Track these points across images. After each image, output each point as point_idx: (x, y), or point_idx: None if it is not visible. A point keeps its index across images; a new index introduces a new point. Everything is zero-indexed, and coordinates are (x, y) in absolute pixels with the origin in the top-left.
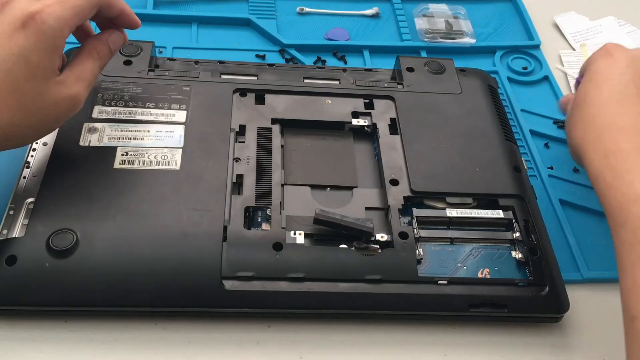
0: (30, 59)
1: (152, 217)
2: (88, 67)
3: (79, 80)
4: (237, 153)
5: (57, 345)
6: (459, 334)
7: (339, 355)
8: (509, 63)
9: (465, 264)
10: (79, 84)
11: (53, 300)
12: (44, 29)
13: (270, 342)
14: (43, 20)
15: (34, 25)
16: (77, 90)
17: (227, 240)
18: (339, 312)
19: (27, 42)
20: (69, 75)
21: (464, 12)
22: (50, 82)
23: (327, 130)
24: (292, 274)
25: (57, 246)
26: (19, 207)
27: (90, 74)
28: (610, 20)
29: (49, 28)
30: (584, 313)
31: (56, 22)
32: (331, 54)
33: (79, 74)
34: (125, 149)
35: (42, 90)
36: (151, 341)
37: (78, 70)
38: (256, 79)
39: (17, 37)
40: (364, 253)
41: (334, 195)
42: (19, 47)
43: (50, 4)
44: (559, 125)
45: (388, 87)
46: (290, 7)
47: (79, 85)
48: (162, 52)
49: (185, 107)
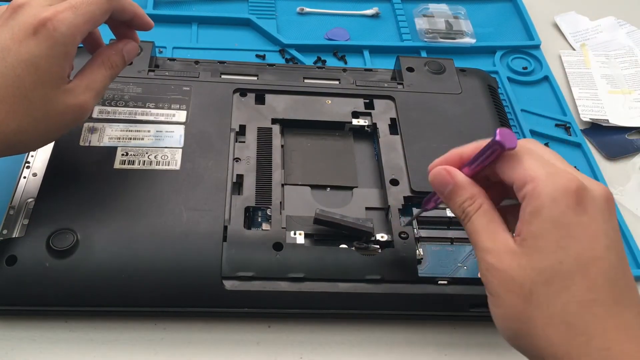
0: (40, 65)
1: (152, 217)
2: (99, 77)
3: (88, 89)
4: (237, 153)
5: (57, 345)
6: (459, 334)
7: (339, 355)
8: (509, 63)
9: (465, 263)
10: (88, 93)
11: (53, 300)
12: (56, 36)
13: (270, 342)
14: (55, 27)
15: (45, 32)
16: (85, 100)
17: (227, 240)
18: (339, 312)
19: (38, 49)
20: (79, 83)
21: (464, 12)
22: (59, 90)
23: (327, 130)
24: (292, 274)
25: (57, 246)
26: (19, 207)
27: (101, 84)
28: (610, 20)
29: (61, 35)
30: None
31: (68, 29)
32: (331, 54)
33: (88, 83)
34: (126, 149)
35: (50, 98)
36: (151, 341)
37: (88, 79)
38: (256, 79)
39: (28, 44)
40: (364, 253)
41: (334, 195)
42: (29, 54)
43: (63, 11)
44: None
45: (388, 87)
46: (290, 7)
47: (88, 94)
48: (162, 52)
49: (185, 107)
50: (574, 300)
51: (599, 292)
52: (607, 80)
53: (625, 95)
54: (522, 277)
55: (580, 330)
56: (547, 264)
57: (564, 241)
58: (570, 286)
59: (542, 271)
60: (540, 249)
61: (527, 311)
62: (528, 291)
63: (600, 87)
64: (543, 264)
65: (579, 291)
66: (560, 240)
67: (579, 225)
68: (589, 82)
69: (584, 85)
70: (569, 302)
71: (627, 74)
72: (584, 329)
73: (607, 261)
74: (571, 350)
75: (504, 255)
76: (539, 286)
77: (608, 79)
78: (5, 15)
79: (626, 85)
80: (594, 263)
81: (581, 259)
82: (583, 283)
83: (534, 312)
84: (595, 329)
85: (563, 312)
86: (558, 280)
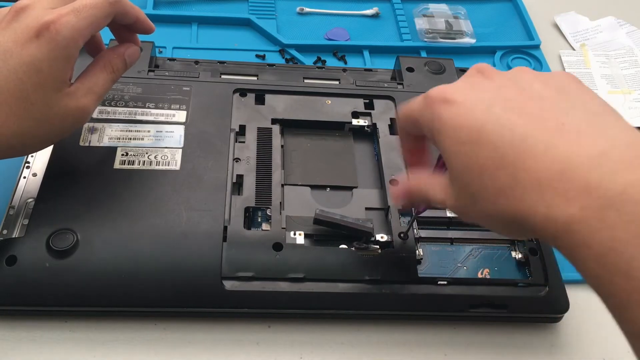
0: (41, 68)
1: (152, 217)
2: (100, 81)
3: (90, 92)
4: (237, 153)
5: (57, 345)
6: (459, 334)
7: (339, 355)
8: (509, 63)
9: (465, 264)
10: (89, 96)
11: (53, 300)
12: (58, 39)
13: (270, 342)
14: (58, 30)
15: (48, 35)
16: (86, 103)
17: (227, 241)
18: (339, 312)
19: (40, 52)
20: (80, 87)
21: (464, 12)
22: (60, 93)
23: (327, 130)
24: (292, 274)
25: (57, 246)
26: (19, 207)
27: (102, 88)
28: (610, 20)
29: (63, 39)
30: (584, 313)
31: (71, 33)
32: (331, 54)
33: (90, 86)
34: (125, 149)
35: (51, 101)
36: (151, 341)
37: (90, 83)
38: (256, 79)
39: (30, 47)
40: (364, 253)
41: (334, 196)
42: (31, 57)
43: (66, 14)
44: None
45: (388, 87)
46: (290, 7)
47: (89, 98)
48: (162, 52)
49: (185, 107)
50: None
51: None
52: (607, 80)
53: (625, 95)
54: (458, 197)
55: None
56: (457, 176)
57: (466, 157)
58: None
59: (462, 186)
60: (451, 169)
61: (477, 205)
62: (470, 197)
63: (600, 87)
64: (459, 181)
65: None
66: (464, 162)
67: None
68: (589, 82)
69: None
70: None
71: (627, 74)
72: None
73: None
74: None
75: (447, 196)
76: (471, 197)
77: (608, 79)
78: (8, 17)
79: (626, 85)
80: (483, 128)
81: (475, 138)
82: (488, 152)
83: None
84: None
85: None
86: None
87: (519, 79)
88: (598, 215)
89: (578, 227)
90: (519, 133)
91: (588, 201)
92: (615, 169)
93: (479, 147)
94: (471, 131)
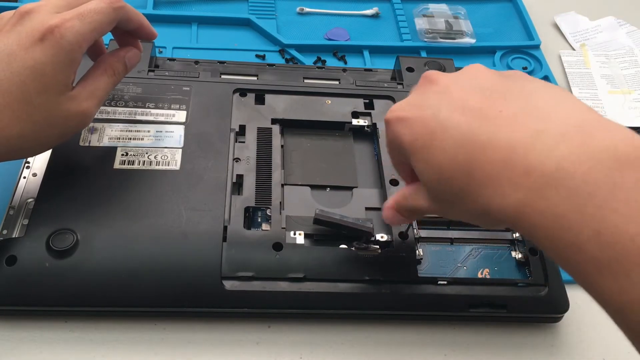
0: (45, 72)
1: (152, 217)
2: (102, 84)
3: (91, 96)
4: (237, 153)
5: (57, 345)
6: (459, 334)
7: (339, 355)
8: (509, 63)
9: (465, 264)
10: (91, 100)
11: (53, 300)
12: (62, 43)
13: (270, 342)
14: (62, 34)
15: (52, 39)
16: (88, 107)
17: (227, 241)
18: (339, 312)
19: (44, 56)
20: (82, 91)
21: (464, 12)
22: (62, 97)
23: (327, 130)
24: (292, 274)
25: (57, 246)
26: (19, 207)
27: (103, 91)
28: (610, 20)
29: (67, 43)
30: (584, 313)
31: (75, 37)
32: (331, 54)
33: (92, 90)
34: (125, 149)
35: (54, 105)
36: (151, 341)
37: (91, 87)
38: (256, 79)
39: (34, 51)
40: (363, 253)
41: (334, 196)
42: (34, 61)
43: (70, 19)
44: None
45: (388, 87)
46: (290, 7)
47: (90, 101)
48: (162, 52)
49: (185, 107)
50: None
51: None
52: (607, 80)
53: (625, 95)
54: (431, 198)
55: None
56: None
57: (424, 155)
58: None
59: (433, 189)
60: (421, 180)
61: (450, 202)
62: (441, 202)
63: (600, 87)
64: (428, 189)
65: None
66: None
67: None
68: (588, 82)
69: (583, 85)
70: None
71: (627, 74)
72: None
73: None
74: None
75: (428, 203)
76: (440, 198)
77: (608, 79)
78: (13, 20)
79: (626, 86)
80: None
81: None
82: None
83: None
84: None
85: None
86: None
87: (464, 76)
88: (540, 195)
89: (527, 210)
90: (464, 130)
91: (530, 183)
92: (549, 145)
93: (433, 154)
94: (424, 140)
